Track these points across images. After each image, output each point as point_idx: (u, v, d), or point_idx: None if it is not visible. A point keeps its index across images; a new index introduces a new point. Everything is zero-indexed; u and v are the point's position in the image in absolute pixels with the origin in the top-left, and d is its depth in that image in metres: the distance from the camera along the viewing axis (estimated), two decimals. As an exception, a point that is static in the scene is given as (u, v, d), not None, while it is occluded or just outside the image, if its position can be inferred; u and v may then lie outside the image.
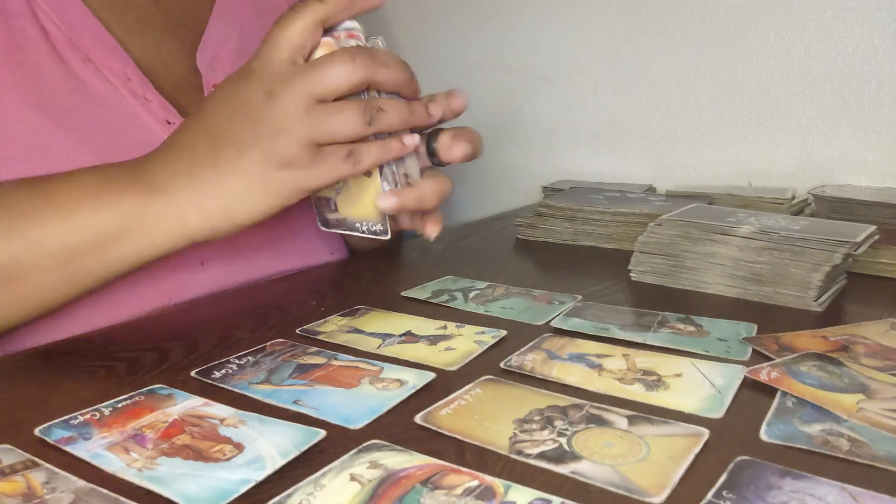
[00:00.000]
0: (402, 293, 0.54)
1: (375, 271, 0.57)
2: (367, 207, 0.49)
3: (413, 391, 0.37)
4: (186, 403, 0.35)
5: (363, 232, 0.51)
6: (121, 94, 0.54)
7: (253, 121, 0.44)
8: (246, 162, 0.44)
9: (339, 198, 0.51)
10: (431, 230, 0.52)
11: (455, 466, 0.29)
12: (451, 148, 0.50)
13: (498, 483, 0.28)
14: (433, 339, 0.44)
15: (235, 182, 0.44)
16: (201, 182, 0.44)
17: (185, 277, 0.54)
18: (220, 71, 0.60)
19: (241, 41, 0.64)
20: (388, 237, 0.50)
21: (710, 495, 0.27)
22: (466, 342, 0.44)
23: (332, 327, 0.47)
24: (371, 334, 0.45)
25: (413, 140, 0.47)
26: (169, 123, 0.55)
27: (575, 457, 0.30)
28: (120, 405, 0.35)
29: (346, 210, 0.51)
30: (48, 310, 0.46)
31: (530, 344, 0.43)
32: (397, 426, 0.33)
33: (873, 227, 0.55)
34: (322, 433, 0.32)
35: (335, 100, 0.44)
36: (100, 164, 0.47)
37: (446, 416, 0.34)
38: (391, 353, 0.42)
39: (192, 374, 0.39)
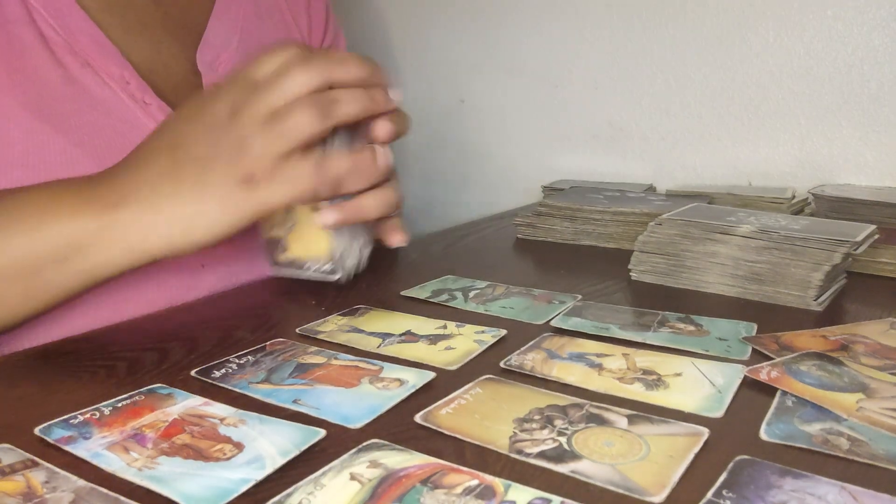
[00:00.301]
0: (402, 293, 0.54)
1: (375, 271, 0.57)
2: (317, 245, 0.49)
3: (413, 390, 0.37)
4: (186, 403, 0.35)
5: (313, 272, 0.50)
6: (119, 98, 0.54)
7: (216, 137, 0.44)
8: (208, 178, 0.43)
9: (289, 237, 0.51)
10: (393, 238, 0.51)
11: (455, 466, 0.29)
12: (374, 129, 0.48)
13: (498, 482, 0.28)
14: (433, 339, 0.44)
15: (197, 199, 0.44)
16: (162, 198, 0.44)
17: (186, 280, 0.54)
18: (221, 72, 0.60)
19: (241, 43, 0.64)
20: (339, 277, 0.50)
21: (709, 494, 0.27)
22: (466, 341, 0.44)
23: (332, 327, 0.47)
24: (371, 334, 0.45)
25: (386, 156, 0.46)
26: None
27: (575, 456, 0.30)
28: (120, 405, 0.35)
29: (297, 250, 0.51)
30: (5, 325, 0.46)
31: (530, 343, 0.43)
32: (397, 425, 0.33)
33: (873, 227, 0.55)
34: (322, 432, 0.32)
35: None
36: (99, 167, 0.47)
37: (446, 415, 0.34)
38: (391, 353, 0.42)
39: (192, 373, 0.39)
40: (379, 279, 0.59)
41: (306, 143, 0.43)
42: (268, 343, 0.44)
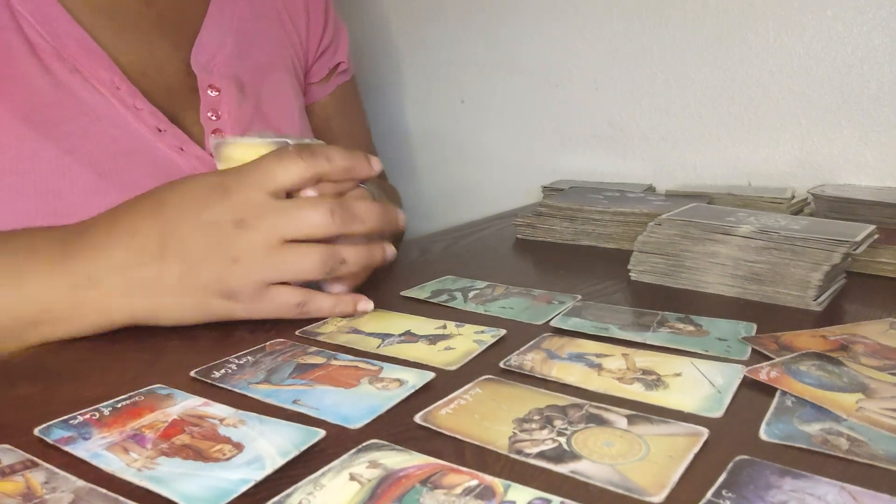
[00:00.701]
0: (402, 293, 0.54)
1: (375, 271, 0.57)
2: None
3: (413, 391, 0.37)
4: (186, 403, 0.35)
5: None
6: (110, 103, 0.53)
7: (214, 242, 0.42)
8: (191, 282, 0.43)
9: None
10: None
11: (455, 466, 0.29)
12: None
13: (497, 482, 0.28)
14: (432, 339, 0.44)
15: (174, 295, 0.43)
16: (137, 285, 0.43)
17: None
18: (216, 73, 0.60)
19: (236, 43, 0.63)
20: None
21: (709, 495, 0.27)
22: (466, 342, 0.44)
23: (332, 328, 0.47)
24: (370, 334, 0.45)
25: (366, 304, 0.49)
26: (160, 131, 0.54)
27: (574, 456, 0.30)
28: (119, 405, 0.35)
29: None
30: None
31: (530, 343, 0.43)
32: (397, 426, 0.33)
33: (873, 227, 0.55)
34: (321, 433, 0.32)
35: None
36: (90, 173, 0.46)
37: (446, 415, 0.34)
38: (390, 353, 0.42)
39: (192, 373, 0.39)
40: (378, 280, 0.59)
41: (300, 283, 0.45)
42: (267, 343, 0.44)
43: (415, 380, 0.38)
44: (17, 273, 0.42)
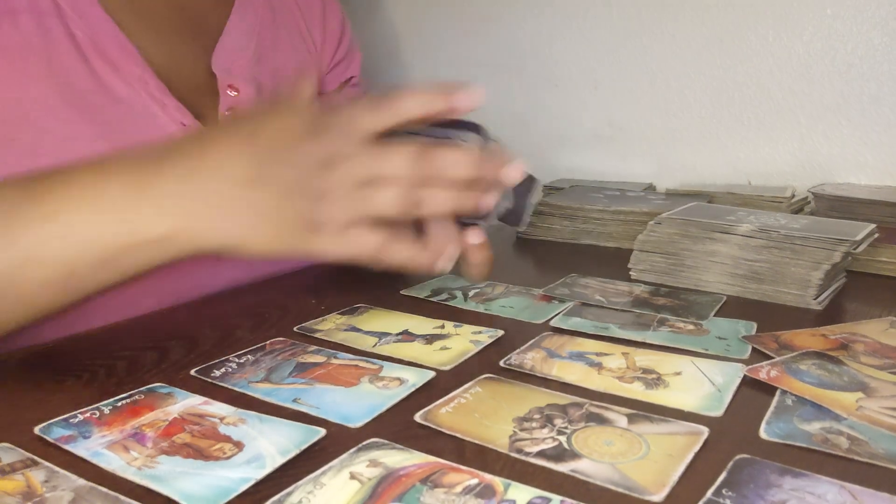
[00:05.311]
0: (402, 291, 0.54)
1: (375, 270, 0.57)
2: None
3: (413, 390, 0.37)
4: (186, 402, 0.35)
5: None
6: (141, 96, 0.54)
7: (304, 176, 0.43)
8: (281, 205, 0.43)
9: None
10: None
11: (455, 465, 0.29)
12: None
13: (498, 481, 0.28)
14: (429, 339, 0.44)
15: (260, 223, 0.43)
16: (226, 212, 0.42)
17: (205, 275, 0.55)
18: (235, 75, 0.61)
19: (256, 50, 0.65)
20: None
21: (709, 493, 0.27)
22: (462, 342, 0.44)
23: (330, 325, 0.47)
24: (368, 333, 0.45)
25: (445, 263, 0.45)
26: (184, 125, 0.56)
27: (575, 455, 0.30)
28: (120, 404, 0.35)
29: None
30: (45, 316, 0.45)
31: (530, 342, 0.43)
32: (397, 425, 0.33)
33: (873, 226, 0.55)
34: (322, 431, 0.32)
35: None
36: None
37: (446, 414, 0.34)
38: (386, 352, 0.42)
39: (192, 372, 0.39)
40: (379, 278, 0.59)
41: (379, 220, 0.43)
42: (267, 342, 0.44)
43: (415, 379, 0.38)
44: (94, 205, 0.42)
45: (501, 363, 0.40)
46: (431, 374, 0.38)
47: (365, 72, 1.02)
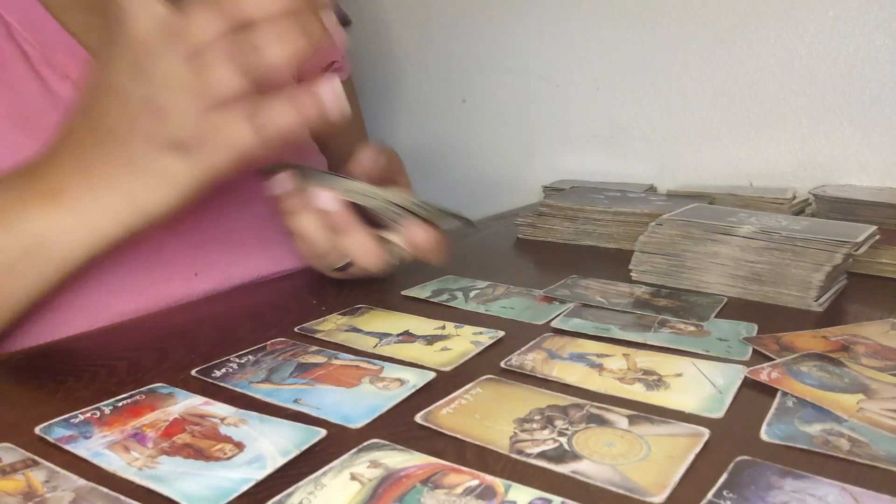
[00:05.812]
0: (403, 292, 0.54)
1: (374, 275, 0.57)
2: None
3: (413, 390, 0.37)
4: (187, 402, 0.35)
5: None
6: None
7: (123, 103, 0.39)
8: (134, 152, 0.39)
9: None
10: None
11: (455, 466, 0.29)
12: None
13: (498, 482, 0.28)
14: (430, 339, 0.44)
15: (132, 177, 0.40)
16: (97, 182, 0.40)
17: (180, 289, 0.54)
18: None
19: None
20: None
21: (710, 495, 0.27)
22: (463, 342, 0.44)
23: (331, 326, 0.47)
24: (369, 333, 0.45)
25: (331, 88, 0.39)
26: None
27: (575, 456, 0.30)
28: (120, 404, 0.35)
29: None
30: None
31: (531, 343, 0.43)
32: (398, 425, 0.33)
33: (874, 228, 0.55)
34: (322, 432, 0.32)
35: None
36: None
37: (447, 415, 0.34)
38: (386, 353, 0.42)
39: (193, 373, 0.39)
40: (380, 279, 0.59)
41: (229, 98, 0.38)
42: (268, 343, 0.44)
43: (416, 379, 0.38)
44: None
45: (502, 364, 0.40)
46: (432, 374, 0.38)
47: (365, 72, 1.02)
